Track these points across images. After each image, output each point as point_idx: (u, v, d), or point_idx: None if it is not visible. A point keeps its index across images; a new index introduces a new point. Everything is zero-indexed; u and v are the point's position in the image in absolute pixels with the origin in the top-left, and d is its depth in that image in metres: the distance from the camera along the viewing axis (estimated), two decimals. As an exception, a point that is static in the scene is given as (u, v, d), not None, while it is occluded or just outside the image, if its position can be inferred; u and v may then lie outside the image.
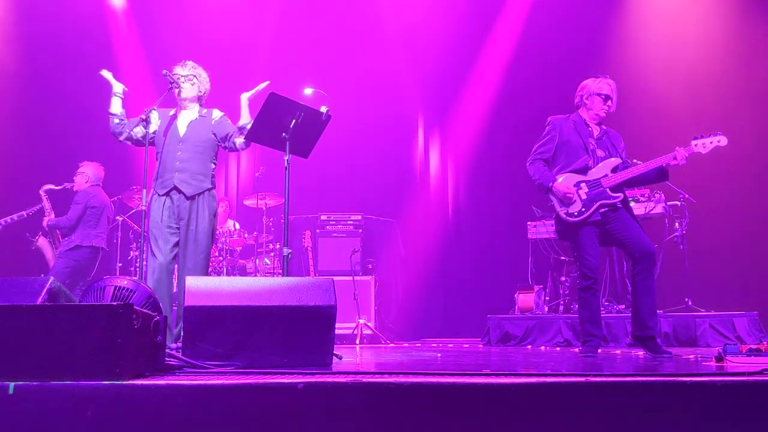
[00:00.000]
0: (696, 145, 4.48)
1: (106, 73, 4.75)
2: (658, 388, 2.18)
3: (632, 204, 6.78)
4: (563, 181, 4.54)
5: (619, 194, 4.51)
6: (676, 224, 6.87)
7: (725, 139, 4.45)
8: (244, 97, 4.70)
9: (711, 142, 4.46)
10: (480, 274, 8.85)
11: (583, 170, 4.57)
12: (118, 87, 4.70)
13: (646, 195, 6.91)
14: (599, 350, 4.56)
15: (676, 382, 2.20)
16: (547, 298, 7.30)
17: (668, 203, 6.89)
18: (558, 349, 5.99)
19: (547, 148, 4.72)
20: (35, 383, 2.09)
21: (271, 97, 4.18)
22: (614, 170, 4.55)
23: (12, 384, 2.08)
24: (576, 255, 4.62)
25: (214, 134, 4.73)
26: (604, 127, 4.74)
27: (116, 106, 4.69)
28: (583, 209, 4.48)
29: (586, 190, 4.52)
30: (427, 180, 9.30)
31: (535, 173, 4.69)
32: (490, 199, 9.00)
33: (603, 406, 2.15)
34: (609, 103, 4.66)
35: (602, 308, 6.68)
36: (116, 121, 4.67)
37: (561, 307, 7.04)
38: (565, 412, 2.14)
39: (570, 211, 4.51)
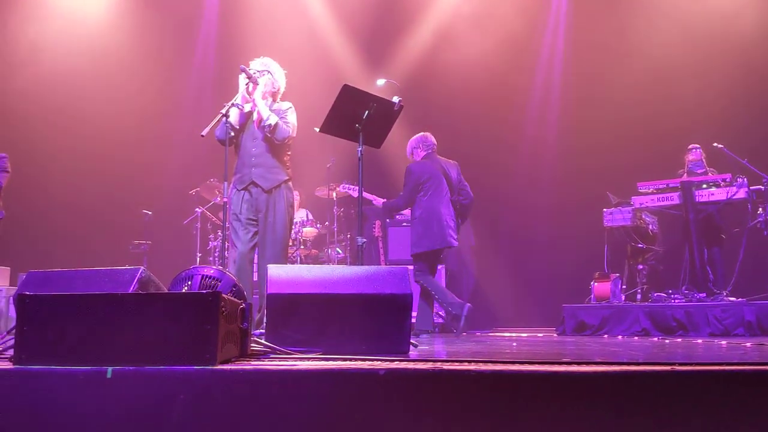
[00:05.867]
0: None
1: (242, 77, 4.77)
2: (748, 378, 2.11)
3: (713, 189, 6.61)
4: None
5: None
6: (760, 209, 6.60)
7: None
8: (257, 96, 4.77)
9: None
10: (553, 262, 8.73)
11: None
12: (239, 98, 4.77)
13: (728, 179, 6.66)
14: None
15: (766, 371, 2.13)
16: (624, 286, 7.15)
17: (751, 188, 6.61)
18: (636, 338, 5.87)
19: None
20: (131, 368, 2.17)
21: (344, 89, 4.23)
22: None
23: (110, 368, 2.17)
24: None
25: None
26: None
27: (234, 116, 4.77)
28: None
29: None
30: (499, 168, 9.19)
31: None
32: (565, 186, 8.85)
33: (689, 396, 2.10)
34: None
35: (681, 296, 6.51)
36: (231, 132, 4.70)
37: (638, 296, 6.88)
38: (649, 402, 2.11)
39: None
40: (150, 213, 8.38)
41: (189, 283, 2.95)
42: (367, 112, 4.30)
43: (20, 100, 8.50)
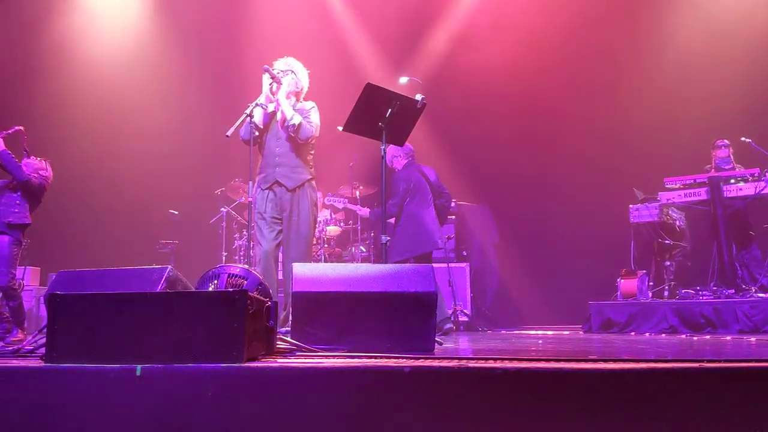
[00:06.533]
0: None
1: (266, 77, 4.81)
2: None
3: (741, 184, 6.51)
4: None
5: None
6: (789, 205, 6.49)
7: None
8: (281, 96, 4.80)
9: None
10: (579, 259, 8.65)
11: None
12: (263, 98, 4.81)
13: (756, 174, 6.56)
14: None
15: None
16: (651, 283, 7.07)
17: (779, 183, 6.50)
18: (663, 335, 5.81)
19: None
20: (159, 366, 2.20)
21: (367, 87, 4.24)
22: None
23: (139, 366, 2.20)
24: None
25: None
26: None
27: (258, 117, 4.80)
28: None
29: None
30: (522, 164, 9.14)
31: None
32: (590, 182, 8.77)
33: (718, 393, 2.08)
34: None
35: (709, 293, 6.42)
36: (255, 132, 4.73)
37: (666, 293, 6.80)
38: (677, 399, 2.08)
39: None
40: (177, 213, 8.48)
41: (216, 281, 2.99)
42: (390, 110, 4.30)
43: (49, 103, 8.64)
